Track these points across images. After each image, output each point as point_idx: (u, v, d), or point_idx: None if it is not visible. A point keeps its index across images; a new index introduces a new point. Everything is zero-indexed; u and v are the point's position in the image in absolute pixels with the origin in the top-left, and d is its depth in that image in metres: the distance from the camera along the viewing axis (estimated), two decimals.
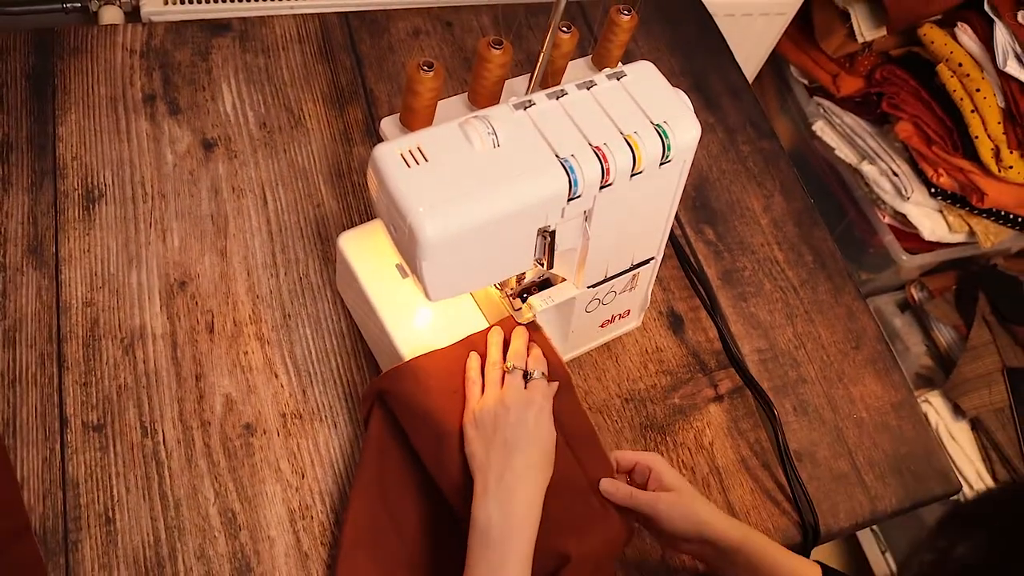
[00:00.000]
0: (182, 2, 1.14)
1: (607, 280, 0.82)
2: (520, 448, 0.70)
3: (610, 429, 0.90)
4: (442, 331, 0.80)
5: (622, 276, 0.83)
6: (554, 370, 0.78)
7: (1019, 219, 1.50)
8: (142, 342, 0.86)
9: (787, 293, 1.06)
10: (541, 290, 0.82)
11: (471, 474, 0.70)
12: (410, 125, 0.77)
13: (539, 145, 0.67)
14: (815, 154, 1.63)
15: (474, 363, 0.77)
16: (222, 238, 0.94)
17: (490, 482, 0.68)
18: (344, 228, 0.91)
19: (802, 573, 0.73)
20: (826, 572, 0.74)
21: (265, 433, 0.83)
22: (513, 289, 0.82)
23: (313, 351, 0.89)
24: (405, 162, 0.65)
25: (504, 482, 0.68)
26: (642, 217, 0.78)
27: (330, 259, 0.94)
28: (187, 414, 0.83)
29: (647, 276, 0.87)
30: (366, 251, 0.83)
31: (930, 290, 1.58)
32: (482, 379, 0.76)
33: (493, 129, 0.66)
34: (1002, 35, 1.37)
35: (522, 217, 0.67)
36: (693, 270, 1.03)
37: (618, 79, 0.72)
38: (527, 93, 0.78)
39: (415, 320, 0.81)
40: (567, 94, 0.70)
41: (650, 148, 0.70)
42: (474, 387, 0.75)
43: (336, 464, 0.83)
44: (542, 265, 0.74)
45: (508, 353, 0.77)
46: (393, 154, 0.65)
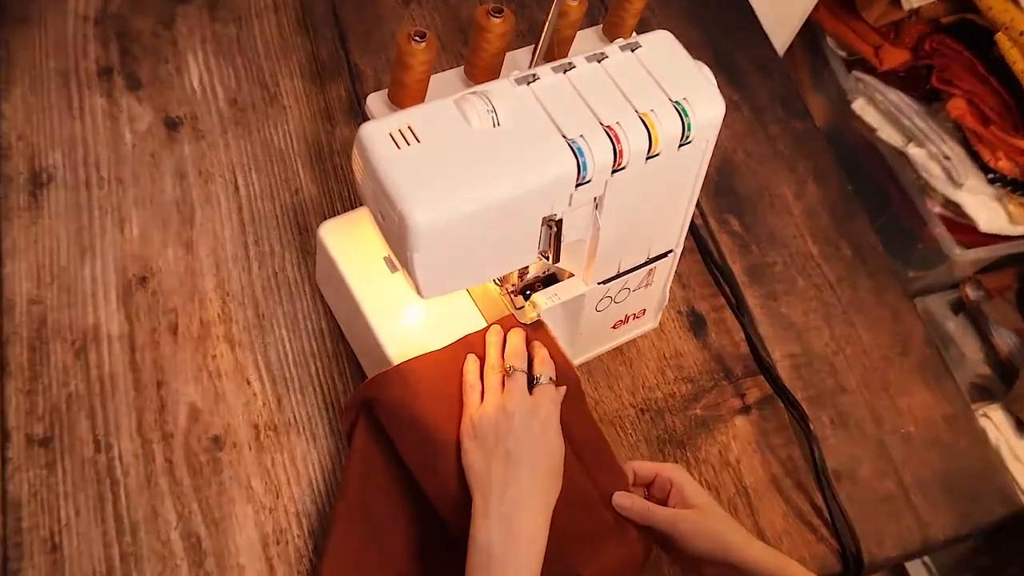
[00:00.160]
0: None
1: (620, 276, 0.84)
2: (525, 461, 0.71)
3: (623, 443, 0.92)
4: (435, 331, 0.81)
5: (637, 271, 0.85)
6: (562, 373, 0.79)
7: None
8: (96, 345, 0.87)
9: (823, 291, 1.07)
10: (546, 286, 0.83)
11: (469, 491, 0.71)
12: (400, 102, 0.78)
13: (544, 124, 0.69)
14: (854, 135, 1.63)
15: (472, 366, 0.78)
16: (188, 228, 0.95)
17: (491, 500, 0.69)
18: (325, 217, 0.93)
19: None
20: None
21: (235, 447, 0.85)
22: (515, 285, 0.84)
23: (290, 355, 0.90)
24: (394, 143, 0.66)
25: (507, 499, 0.69)
26: (659, 205, 0.79)
27: (310, 252, 0.96)
28: (146, 426, 0.84)
29: (665, 271, 0.89)
30: (350, 243, 0.84)
31: (987, 289, 1.58)
32: (481, 384, 0.77)
33: (492, 106, 0.68)
34: None
35: (525, 205, 0.69)
36: (716, 265, 1.05)
37: (632, 51, 0.74)
38: (530, 67, 0.80)
39: (405, 319, 0.82)
40: (575, 67, 0.72)
41: (668, 127, 0.71)
42: (472, 393, 0.76)
43: (315, 482, 0.84)
44: (547, 258, 0.75)
45: (506, 353, 0.78)
46: (381, 134, 0.66)
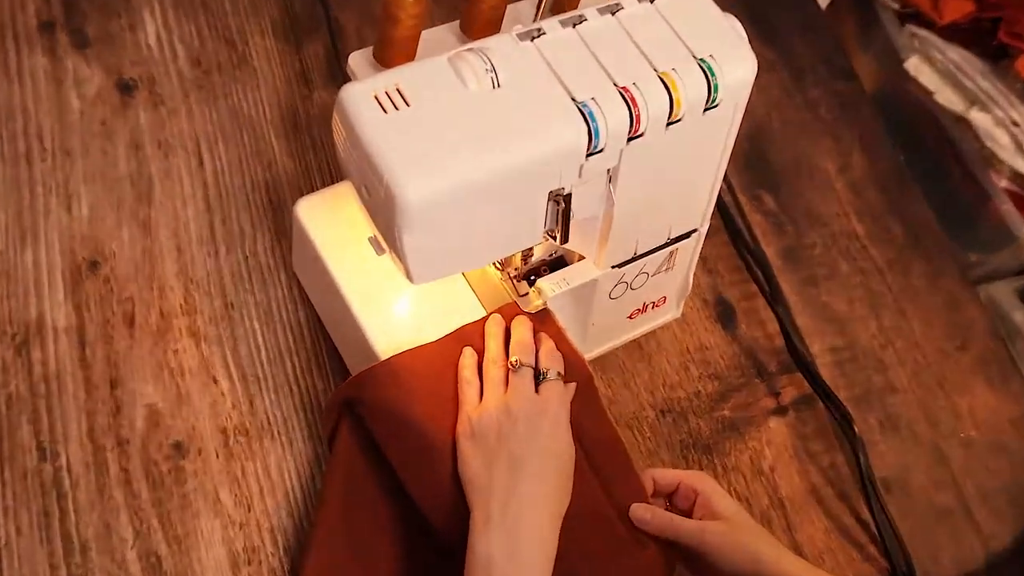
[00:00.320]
0: None
1: (637, 258, 0.84)
2: (530, 465, 0.71)
3: (642, 449, 0.93)
4: (428, 322, 0.82)
5: (656, 253, 0.85)
6: (571, 368, 0.79)
7: None
8: (40, 339, 0.88)
9: (870, 277, 1.08)
10: (553, 271, 0.84)
11: (467, 501, 0.72)
12: (387, 61, 0.78)
13: (550, 86, 0.69)
14: (908, 99, 1.63)
15: (469, 360, 0.78)
16: (145, 206, 0.96)
17: (492, 511, 0.70)
18: (302, 193, 0.92)
19: None
20: None
21: (200, 454, 0.85)
22: (518, 269, 0.85)
23: (263, 350, 0.91)
24: (381, 107, 0.66)
25: (510, 510, 0.70)
26: (681, 178, 0.79)
27: (285, 233, 0.96)
28: (99, 431, 0.85)
29: (688, 254, 0.89)
30: (330, 222, 0.85)
31: None
32: (480, 380, 0.77)
33: (492, 65, 0.68)
34: None
35: (529, 177, 0.69)
36: (747, 247, 1.05)
37: (651, 1, 0.74)
38: (535, 20, 0.80)
39: (393, 309, 0.83)
40: (586, 21, 0.72)
41: (691, 89, 0.71)
42: (470, 390, 0.76)
43: (292, 493, 0.85)
44: (554, 239, 0.75)
45: (511, 345, 0.78)
46: (366, 97, 0.67)
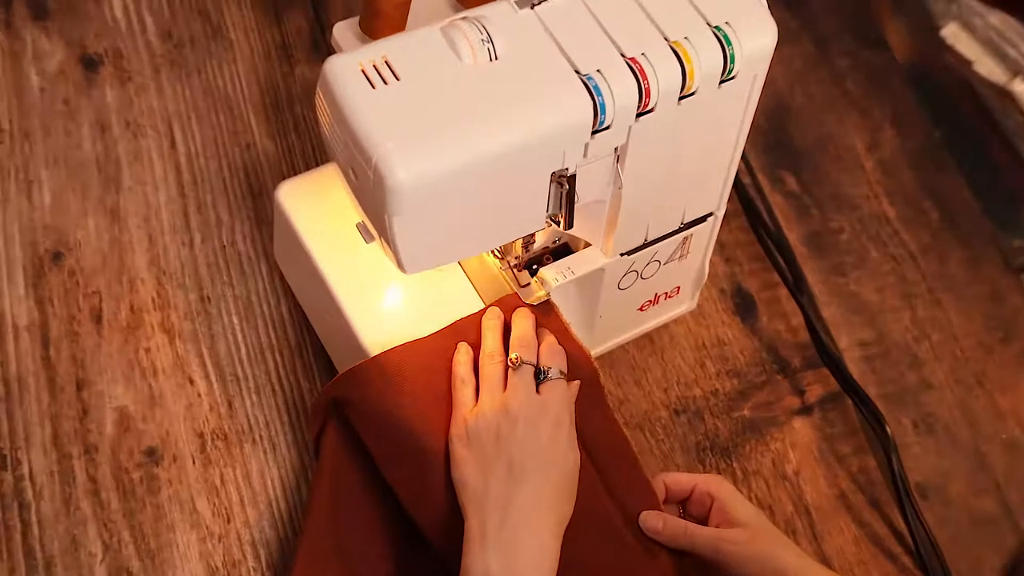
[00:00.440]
0: None
1: (648, 245, 0.85)
2: (531, 473, 0.72)
3: (654, 452, 0.93)
4: (421, 315, 0.83)
5: (669, 240, 0.86)
6: (576, 365, 0.80)
7: None
8: None
9: (903, 264, 1.09)
10: (557, 259, 0.85)
11: (462, 510, 0.73)
12: (374, 32, 0.79)
13: (552, 57, 0.70)
14: (944, 70, 1.63)
15: (464, 357, 0.79)
16: (112, 192, 0.97)
17: (489, 521, 0.71)
18: (284, 177, 0.93)
19: None
20: None
21: (176, 461, 0.86)
22: (519, 258, 0.85)
23: (243, 347, 0.92)
24: (368, 81, 0.67)
25: (508, 522, 0.70)
26: (695, 157, 0.80)
27: (265, 220, 0.97)
28: (64, 437, 0.86)
29: (703, 240, 0.90)
30: (315, 207, 0.86)
31: None
32: (476, 378, 0.78)
33: (488, 35, 0.69)
34: None
35: (529, 157, 0.70)
36: (768, 232, 1.06)
37: None
38: None
39: (383, 301, 0.84)
40: None
41: (706, 59, 0.72)
42: (465, 389, 0.77)
43: (275, 503, 0.86)
44: (558, 224, 0.76)
45: (511, 341, 0.79)
46: (352, 70, 0.67)
